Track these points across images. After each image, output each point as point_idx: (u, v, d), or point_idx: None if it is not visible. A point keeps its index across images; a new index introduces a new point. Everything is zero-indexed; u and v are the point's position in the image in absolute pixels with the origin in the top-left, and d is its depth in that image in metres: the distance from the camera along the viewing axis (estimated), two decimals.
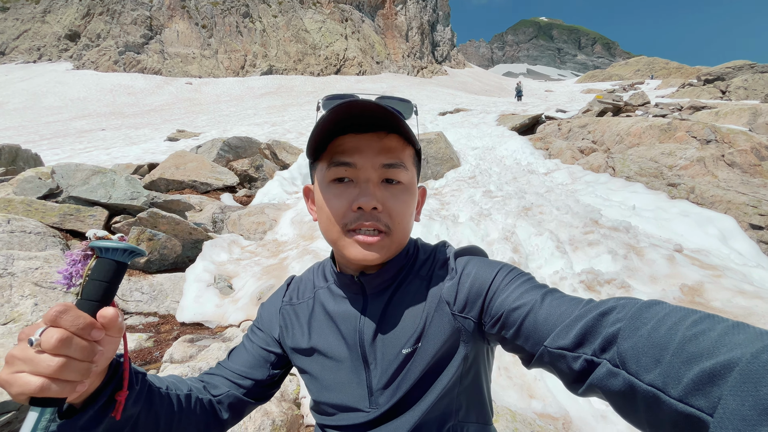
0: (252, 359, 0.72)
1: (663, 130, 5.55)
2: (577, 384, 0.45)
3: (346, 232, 0.58)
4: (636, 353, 0.36)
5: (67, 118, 28.79)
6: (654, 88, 29.07)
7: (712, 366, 0.29)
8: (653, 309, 0.39)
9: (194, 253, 3.72)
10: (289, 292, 0.77)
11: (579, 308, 0.47)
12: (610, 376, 0.39)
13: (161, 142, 13.82)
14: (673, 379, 0.32)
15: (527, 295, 0.54)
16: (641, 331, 0.37)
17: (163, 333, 2.68)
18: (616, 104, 10.05)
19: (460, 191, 5.20)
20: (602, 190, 4.62)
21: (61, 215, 3.39)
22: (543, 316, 0.50)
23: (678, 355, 0.33)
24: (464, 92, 34.84)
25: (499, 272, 0.60)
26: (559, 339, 0.46)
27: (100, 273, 0.45)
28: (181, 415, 0.60)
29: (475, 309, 0.60)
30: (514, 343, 0.54)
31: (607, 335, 0.41)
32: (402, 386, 0.62)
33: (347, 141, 0.58)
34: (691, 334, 0.33)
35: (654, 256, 2.96)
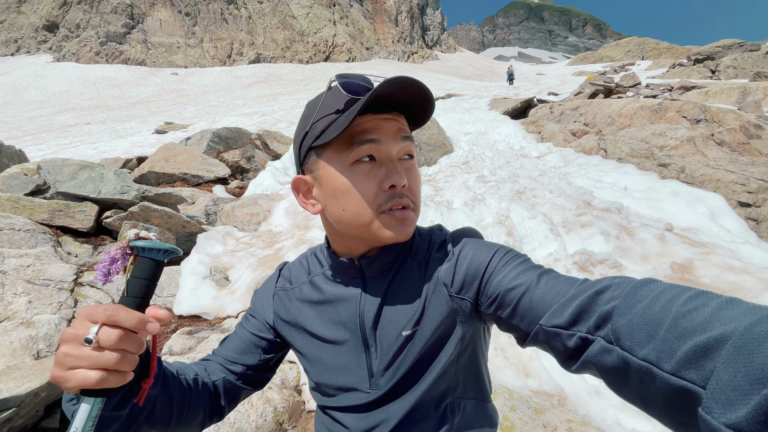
0: (243, 345, 0.72)
1: (654, 110, 5.57)
2: (571, 361, 0.46)
3: (380, 214, 0.58)
4: (630, 330, 0.37)
5: (50, 112, 28.04)
6: (644, 69, 29.08)
7: (705, 340, 0.30)
8: (648, 287, 0.40)
9: (188, 246, 3.70)
10: (282, 278, 0.77)
11: (574, 287, 0.48)
12: (604, 352, 0.39)
13: (149, 135, 13.56)
14: (667, 354, 0.33)
15: (523, 276, 0.54)
16: (636, 309, 0.38)
17: (161, 326, 2.68)
18: (608, 86, 10.05)
19: (453, 177, 5.20)
20: (594, 172, 4.66)
21: (50, 211, 3.33)
22: (539, 295, 0.50)
23: (672, 331, 0.33)
24: (455, 77, 34.52)
25: (496, 253, 0.61)
26: (555, 318, 0.47)
27: (142, 271, 0.48)
28: (191, 397, 0.62)
29: (472, 290, 0.60)
30: (510, 323, 0.54)
31: (602, 313, 0.41)
32: (401, 367, 0.63)
33: (367, 120, 0.57)
34: (685, 310, 0.34)
35: (645, 236, 3.00)
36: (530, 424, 1.20)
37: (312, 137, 0.59)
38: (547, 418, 1.35)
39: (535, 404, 1.46)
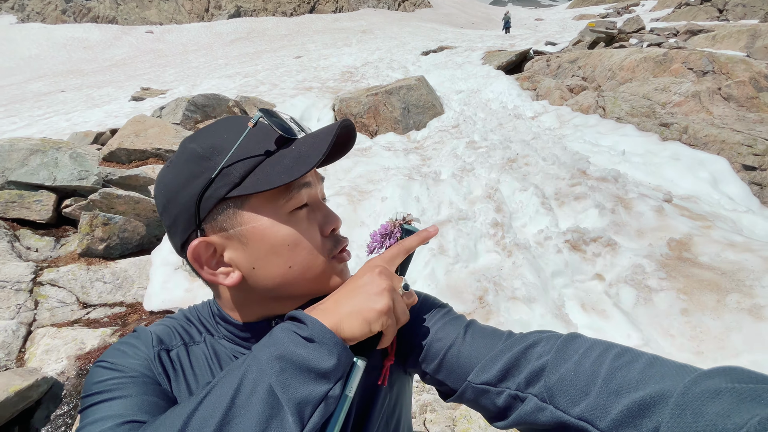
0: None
1: (658, 62, 5.15)
2: (500, 419, 0.45)
3: (330, 260, 0.53)
4: (564, 386, 0.37)
5: (21, 80, 26.51)
6: (649, 9, 27.34)
7: (641, 398, 0.30)
8: (576, 342, 0.40)
9: (161, 231, 3.49)
10: (156, 337, 0.55)
11: (502, 341, 0.47)
12: (537, 411, 0.39)
13: (125, 102, 12.82)
14: (601, 411, 0.33)
15: (449, 328, 0.53)
16: (567, 364, 0.38)
17: (131, 324, 2.55)
18: (609, 32, 9.37)
19: (442, 143, 4.90)
20: (591, 135, 4.37)
21: (3, 203, 3.08)
22: (466, 350, 0.49)
23: (605, 387, 0.34)
24: (449, 26, 32.50)
25: (422, 305, 0.58)
26: (483, 374, 0.45)
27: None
28: None
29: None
30: (435, 377, 0.52)
31: (533, 369, 0.41)
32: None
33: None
34: (616, 366, 0.34)
35: (642, 208, 2.81)
36: None
37: (228, 185, 0.46)
38: None
39: None
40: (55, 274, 2.70)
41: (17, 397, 1.76)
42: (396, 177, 3.67)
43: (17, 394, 1.75)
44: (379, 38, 23.94)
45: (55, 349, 2.17)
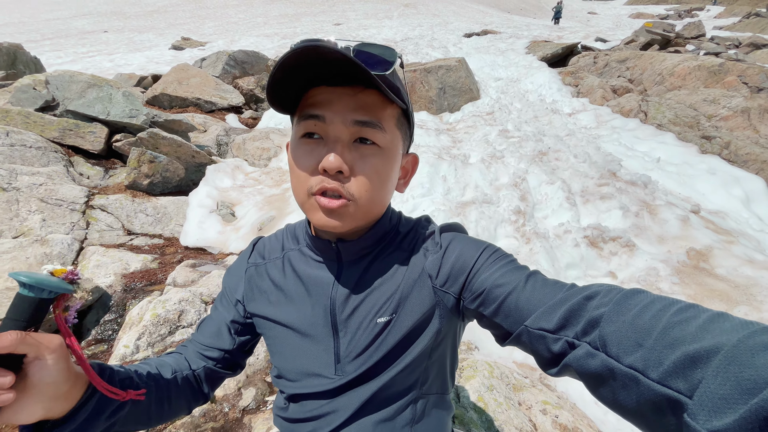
0: (216, 329, 0.70)
1: (712, 72, 4.94)
2: (552, 365, 0.46)
3: (311, 195, 0.54)
4: (618, 337, 0.37)
5: (67, 15, 27.01)
6: (714, 16, 25.53)
7: (695, 350, 0.30)
8: (638, 296, 0.40)
9: (197, 176, 3.70)
10: (255, 253, 0.74)
11: (562, 291, 0.48)
12: (588, 356, 0.39)
13: (166, 50, 13.03)
14: (655, 362, 0.33)
15: (510, 275, 0.54)
16: (625, 316, 0.38)
17: (168, 255, 2.78)
18: (666, 35, 8.90)
19: (474, 128, 4.90)
20: (628, 138, 4.30)
21: (61, 130, 3.31)
22: (525, 296, 0.50)
23: (661, 340, 0.33)
24: (496, 9, 31.15)
25: (484, 251, 0.60)
26: (541, 320, 0.46)
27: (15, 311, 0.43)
28: (171, 397, 0.62)
29: (457, 285, 0.60)
30: (492, 321, 0.54)
31: (591, 319, 0.41)
32: (374, 356, 0.61)
33: (319, 93, 0.53)
34: (676, 320, 0.34)
35: (667, 216, 2.83)
36: (504, 405, 1.22)
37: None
38: (524, 396, 1.37)
39: (515, 380, 1.48)
40: (105, 201, 2.93)
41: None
42: (426, 155, 3.75)
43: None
44: (422, 14, 23.24)
45: (104, 266, 2.41)
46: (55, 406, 0.45)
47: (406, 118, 0.60)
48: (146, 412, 0.58)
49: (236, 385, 1.74)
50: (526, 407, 1.32)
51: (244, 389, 1.73)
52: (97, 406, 0.49)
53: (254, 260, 0.73)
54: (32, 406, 0.43)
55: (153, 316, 1.93)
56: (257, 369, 1.85)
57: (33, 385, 0.43)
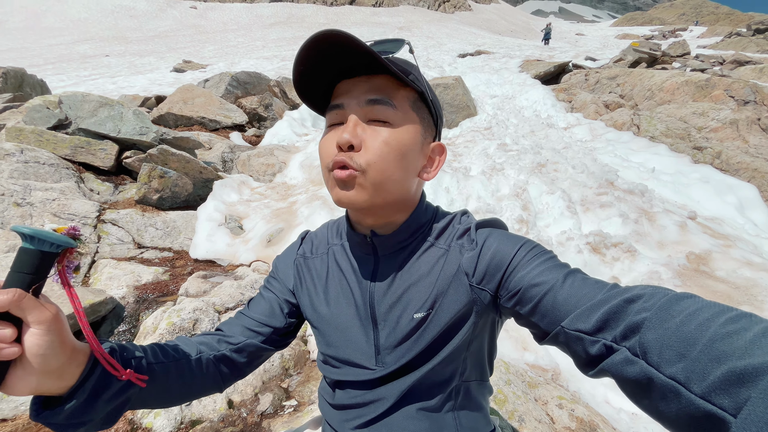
0: (269, 308, 0.74)
1: (699, 86, 5.16)
2: (590, 367, 0.45)
3: (329, 172, 0.58)
4: (660, 345, 0.35)
5: (69, 41, 27.61)
6: (697, 36, 26.55)
7: (743, 367, 0.28)
8: (684, 302, 0.37)
9: (205, 192, 3.76)
10: (304, 246, 0.78)
11: (602, 292, 0.46)
12: (626, 363, 0.38)
13: (167, 72, 13.33)
14: (698, 375, 0.31)
15: (548, 273, 0.53)
16: (669, 324, 0.36)
17: (178, 267, 2.81)
18: (653, 54, 9.27)
19: (474, 143, 5.04)
20: (623, 150, 4.44)
21: (73, 147, 3.39)
22: (563, 296, 0.49)
23: (707, 352, 0.31)
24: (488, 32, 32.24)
25: (522, 248, 0.59)
26: (579, 321, 0.45)
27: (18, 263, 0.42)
28: (193, 378, 0.63)
29: (494, 282, 0.59)
30: (529, 320, 0.53)
31: (631, 323, 0.39)
32: (413, 349, 0.63)
33: (341, 86, 0.59)
34: (724, 332, 0.32)
35: (665, 222, 2.92)
36: (523, 398, 1.25)
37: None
38: (539, 392, 1.41)
39: (530, 378, 1.52)
40: (116, 215, 2.98)
41: (90, 309, 2.02)
42: None
43: (90, 307, 2.02)
44: (416, 36, 23.99)
45: (117, 278, 2.44)
46: (48, 381, 0.44)
47: (424, 103, 0.61)
48: (166, 390, 0.58)
49: (253, 390, 1.76)
50: (543, 402, 1.35)
51: (261, 395, 1.74)
52: (101, 383, 0.48)
53: (302, 252, 0.77)
54: (25, 376, 0.42)
55: (169, 325, 1.95)
56: (273, 375, 1.87)
57: (24, 354, 0.41)
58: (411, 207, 0.65)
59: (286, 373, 1.93)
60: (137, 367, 0.54)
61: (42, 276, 0.43)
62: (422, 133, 0.61)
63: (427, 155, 0.63)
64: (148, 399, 0.57)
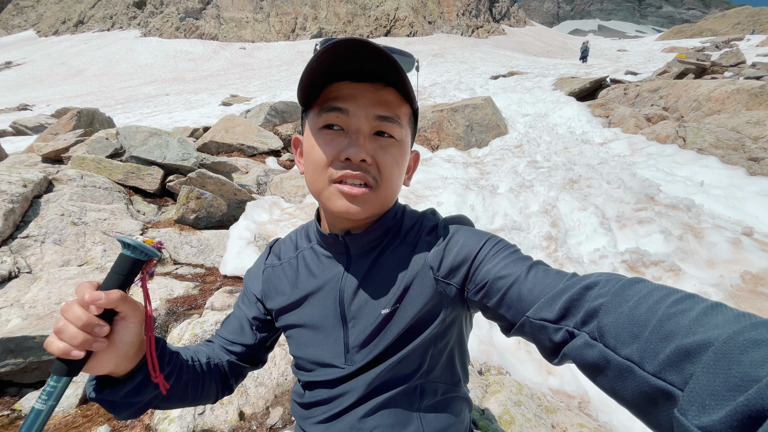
0: (239, 325, 0.75)
1: (753, 94, 4.75)
2: (554, 355, 0.46)
3: (331, 183, 0.57)
4: (616, 328, 0.37)
5: (137, 83, 31.11)
6: (755, 44, 24.68)
7: (688, 344, 0.30)
8: (636, 287, 0.40)
9: (238, 212, 3.97)
10: (272, 255, 0.79)
11: (563, 281, 0.48)
12: (586, 347, 0.40)
13: (216, 106, 14.53)
14: (650, 354, 0.33)
15: (513, 266, 0.54)
16: (623, 308, 0.38)
17: (208, 283, 2.95)
18: (700, 64, 8.73)
19: (503, 161, 4.95)
20: (666, 164, 4.15)
21: (125, 173, 3.75)
22: (527, 287, 0.50)
23: (657, 332, 0.34)
24: (522, 53, 32.14)
25: (487, 242, 0.60)
26: (542, 311, 0.47)
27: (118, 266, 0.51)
28: (205, 380, 0.68)
29: (459, 276, 0.60)
30: (496, 312, 0.54)
31: (589, 309, 0.41)
32: (379, 345, 0.64)
33: (342, 87, 0.56)
34: (671, 312, 0.34)
35: (716, 239, 2.65)
36: (533, 421, 1.15)
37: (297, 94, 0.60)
38: (558, 418, 1.29)
39: (548, 403, 1.40)
40: (156, 233, 3.22)
41: None
42: (453, 185, 3.81)
43: None
44: (449, 62, 24.43)
45: (151, 291, 2.61)
46: (122, 364, 0.52)
47: (414, 118, 0.64)
48: (185, 390, 0.64)
49: (265, 404, 1.76)
50: (561, 430, 1.23)
51: (272, 408, 1.74)
52: (148, 373, 0.56)
53: (271, 261, 0.77)
54: (107, 360, 0.50)
55: (191, 336, 2.04)
56: (286, 389, 1.87)
57: (113, 342, 0.50)
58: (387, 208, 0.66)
59: None
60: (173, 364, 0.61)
61: (131, 279, 0.52)
62: (410, 145, 0.64)
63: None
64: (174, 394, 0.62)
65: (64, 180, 3.35)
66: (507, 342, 1.97)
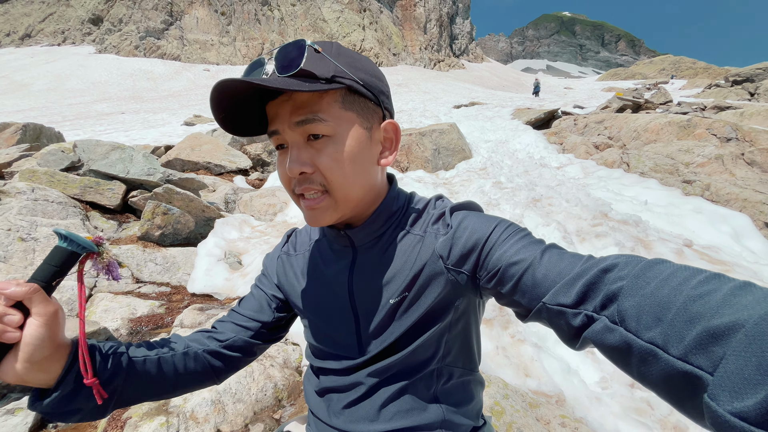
0: (258, 304, 0.76)
1: (682, 126, 5.42)
2: (574, 339, 0.45)
3: (297, 197, 0.60)
4: (637, 312, 0.36)
5: (89, 100, 29.49)
6: (679, 88, 28.18)
7: (716, 326, 0.29)
8: (657, 267, 0.38)
9: (206, 230, 3.83)
10: (289, 243, 0.80)
11: (579, 264, 0.46)
12: (606, 331, 0.39)
13: (178, 126, 14.06)
14: (675, 338, 0.32)
15: (526, 251, 0.52)
16: (644, 290, 0.37)
17: (175, 302, 2.79)
18: (636, 101, 9.82)
19: (470, 181, 5.20)
20: (615, 185, 4.56)
21: (82, 187, 3.52)
22: (542, 272, 0.49)
23: (681, 315, 0.32)
24: (481, 87, 34.36)
25: (497, 227, 0.58)
26: (559, 296, 0.45)
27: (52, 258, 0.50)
28: (181, 370, 0.65)
29: (470, 263, 0.59)
30: (511, 299, 0.53)
31: (609, 292, 0.40)
32: (392, 335, 0.64)
33: (270, 109, 0.57)
34: (697, 293, 0.32)
35: (662, 250, 2.93)
36: (522, 413, 1.20)
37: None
38: (541, 412, 1.35)
39: (531, 399, 1.46)
40: (117, 251, 3.02)
41: None
42: None
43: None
44: (413, 91, 25.57)
45: (112, 311, 2.43)
46: (32, 371, 0.48)
47: (358, 94, 0.57)
48: (151, 381, 0.61)
49: (244, 421, 1.67)
50: (545, 422, 1.29)
51: (252, 425, 1.66)
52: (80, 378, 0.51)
53: (287, 250, 0.79)
54: (13, 363, 0.47)
55: None
56: (265, 406, 1.79)
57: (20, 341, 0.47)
58: (380, 196, 0.65)
59: (279, 404, 1.85)
60: (116, 363, 0.56)
61: (64, 272, 0.50)
62: (365, 125, 0.58)
63: (380, 140, 0.62)
64: (134, 392, 0.59)
65: (12, 193, 3.09)
66: (485, 347, 2.03)
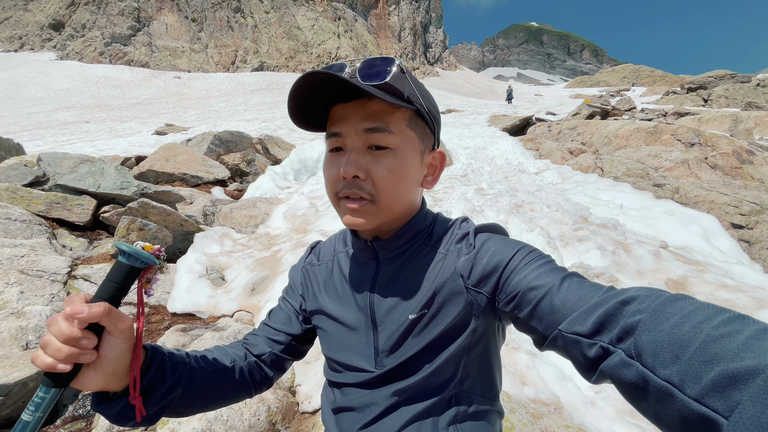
0: (285, 316, 0.78)
1: (649, 132, 5.70)
2: (591, 371, 0.44)
3: (338, 200, 0.61)
4: (654, 347, 0.35)
5: (49, 109, 27.97)
6: (640, 95, 29.84)
7: (735, 369, 0.28)
8: (679, 303, 0.37)
9: (185, 245, 3.67)
10: (312, 254, 0.82)
11: (598, 294, 0.46)
12: (622, 365, 0.38)
13: (149, 135, 13.53)
14: (692, 378, 0.31)
15: (545, 277, 0.53)
16: (663, 326, 0.36)
17: (154, 323, 2.64)
18: (604, 108, 10.29)
19: (452, 188, 5.25)
20: (591, 190, 4.73)
21: (48, 203, 3.31)
22: (560, 299, 0.49)
23: (700, 354, 0.31)
24: (456, 94, 35.12)
25: (519, 251, 0.59)
26: (575, 324, 0.45)
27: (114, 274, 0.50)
28: (227, 385, 0.67)
29: (490, 285, 0.59)
30: (528, 324, 0.53)
31: (626, 325, 0.39)
32: (408, 351, 0.63)
33: (337, 111, 0.60)
34: (717, 334, 0.32)
35: (641, 252, 3.04)
36: (530, 426, 1.20)
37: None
38: (545, 423, 1.35)
39: (533, 410, 1.46)
40: (89, 270, 2.84)
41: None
42: None
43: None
44: None
45: None
46: (113, 381, 0.50)
47: (421, 119, 0.62)
48: (202, 394, 0.63)
49: None
50: None
51: None
52: (150, 385, 0.55)
53: (310, 261, 0.81)
54: (95, 375, 0.49)
55: None
56: (259, 430, 1.70)
57: (100, 357, 0.48)
58: (412, 213, 0.67)
59: (273, 428, 1.77)
60: (180, 373, 0.59)
61: (127, 287, 0.50)
62: (420, 148, 0.63)
63: (428, 165, 0.66)
64: (188, 402, 0.61)
65: None
66: None
